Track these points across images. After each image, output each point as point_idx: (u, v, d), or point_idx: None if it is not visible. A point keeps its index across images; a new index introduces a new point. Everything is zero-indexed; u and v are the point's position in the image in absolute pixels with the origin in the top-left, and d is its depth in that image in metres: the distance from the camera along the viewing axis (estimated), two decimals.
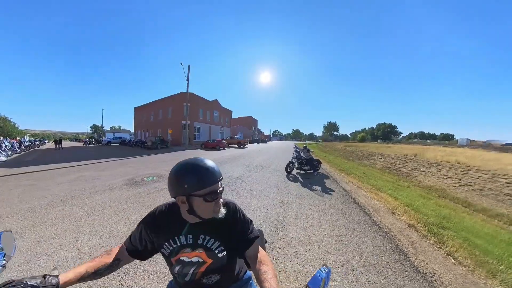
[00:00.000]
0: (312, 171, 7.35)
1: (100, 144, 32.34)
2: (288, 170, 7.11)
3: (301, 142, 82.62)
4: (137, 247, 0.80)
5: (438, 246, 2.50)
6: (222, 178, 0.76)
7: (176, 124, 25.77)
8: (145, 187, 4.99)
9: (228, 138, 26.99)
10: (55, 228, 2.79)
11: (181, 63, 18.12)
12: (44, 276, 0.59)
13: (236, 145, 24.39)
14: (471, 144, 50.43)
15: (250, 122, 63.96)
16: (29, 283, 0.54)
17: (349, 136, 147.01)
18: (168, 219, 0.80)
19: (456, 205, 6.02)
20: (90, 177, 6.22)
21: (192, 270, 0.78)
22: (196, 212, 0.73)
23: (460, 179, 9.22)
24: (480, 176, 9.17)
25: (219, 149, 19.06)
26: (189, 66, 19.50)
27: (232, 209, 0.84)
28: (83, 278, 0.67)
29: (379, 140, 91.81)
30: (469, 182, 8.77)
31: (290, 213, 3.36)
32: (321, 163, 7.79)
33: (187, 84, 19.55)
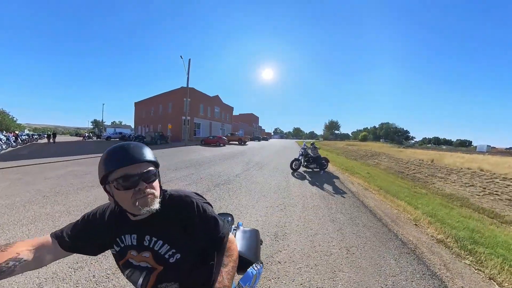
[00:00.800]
0: (318, 169, 6.98)
1: (100, 139, 32.23)
2: (294, 167, 6.71)
3: (302, 140, 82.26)
4: (79, 241, 0.65)
5: (476, 267, 2.10)
6: (150, 160, 0.61)
7: (176, 120, 25.41)
8: None
9: (228, 134, 26.61)
10: (29, 228, 2.52)
11: (181, 56, 17.64)
12: None
13: (237, 142, 24.04)
14: (491, 150, 48.28)
15: (251, 119, 63.47)
16: None
17: (350, 135, 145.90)
18: (116, 216, 0.68)
19: (481, 216, 5.57)
20: (81, 172, 5.93)
21: (142, 276, 0.65)
22: (119, 204, 0.60)
23: (484, 188, 8.58)
24: (509, 185, 8.46)
25: (219, 146, 18.73)
26: (189, 60, 19.03)
27: (186, 203, 0.67)
28: None
29: (381, 140, 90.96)
30: (495, 191, 8.13)
31: (293, 218, 2.99)
32: (329, 161, 7.42)
33: (187, 78, 19.12)
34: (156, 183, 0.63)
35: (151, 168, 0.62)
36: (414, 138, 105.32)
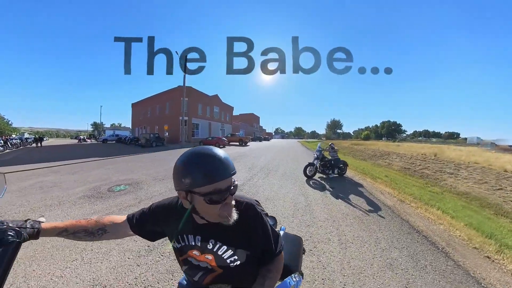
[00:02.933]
0: (337, 175, 5.88)
1: (96, 142, 31.35)
2: (308, 173, 5.57)
3: (305, 139, 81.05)
4: (144, 227, 0.71)
5: None
6: (235, 172, 0.60)
7: (174, 120, 24.34)
8: (107, 202, 3.58)
9: (229, 135, 25.57)
10: None
11: (176, 52, 16.46)
12: (26, 220, 0.57)
13: (238, 143, 22.98)
14: (481, 143, 47.18)
15: (252, 119, 62.38)
16: (10, 224, 0.52)
17: (352, 134, 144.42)
18: (180, 214, 0.66)
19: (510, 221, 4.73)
20: (50, 184, 4.89)
21: (199, 274, 0.68)
22: (199, 213, 0.60)
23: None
24: None
25: (218, 147, 17.69)
26: (185, 56, 18.00)
27: (252, 212, 0.67)
28: (62, 234, 0.63)
29: (383, 138, 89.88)
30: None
31: (332, 268, 1.89)
32: (347, 165, 6.30)
33: (184, 76, 18.08)
34: None
35: (235, 180, 0.61)
36: (406, 131, 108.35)
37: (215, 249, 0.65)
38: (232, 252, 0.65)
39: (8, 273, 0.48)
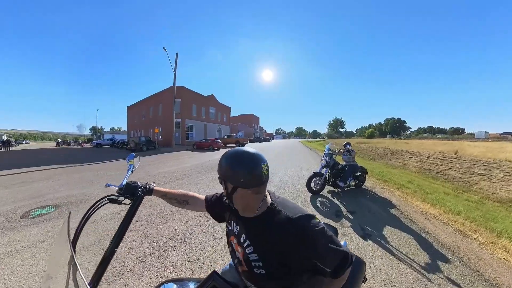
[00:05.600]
0: (353, 186, 4.34)
1: (90, 146, 30.38)
2: (314, 188, 3.97)
3: (306, 139, 79.28)
4: (214, 209, 0.87)
5: None
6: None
7: (167, 122, 23.01)
8: (6, 237, 2.14)
9: (225, 136, 24.16)
10: None
11: (164, 49, 15.10)
12: (146, 183, 0.87)
13: (235, 145, 21.56)
14: (489, 136, 45.33)
15: (251, 120, 60.88)
16: (138, 183, 0.82)
17: (355, 132, 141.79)
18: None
19: None
20: None
21: (236, 260, 0.73)
22: (235, 203, 0.67)
23: None
24: None
25: (212, 150, 16.24)
26: (176, 54, 16.69)
27: (293, 227, 0.60)
28: (163, 197, 0.90)
29: (388, 136, 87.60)
30: None
31: None
32: (367, 173, 4.64)
33: (174, 75, 16.75)
34: None
35: None
36: (410, 128, 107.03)
37: (244, 245, 0.66)
38: (258, 257, 0.63)
39: (134, 216, 0.71)
